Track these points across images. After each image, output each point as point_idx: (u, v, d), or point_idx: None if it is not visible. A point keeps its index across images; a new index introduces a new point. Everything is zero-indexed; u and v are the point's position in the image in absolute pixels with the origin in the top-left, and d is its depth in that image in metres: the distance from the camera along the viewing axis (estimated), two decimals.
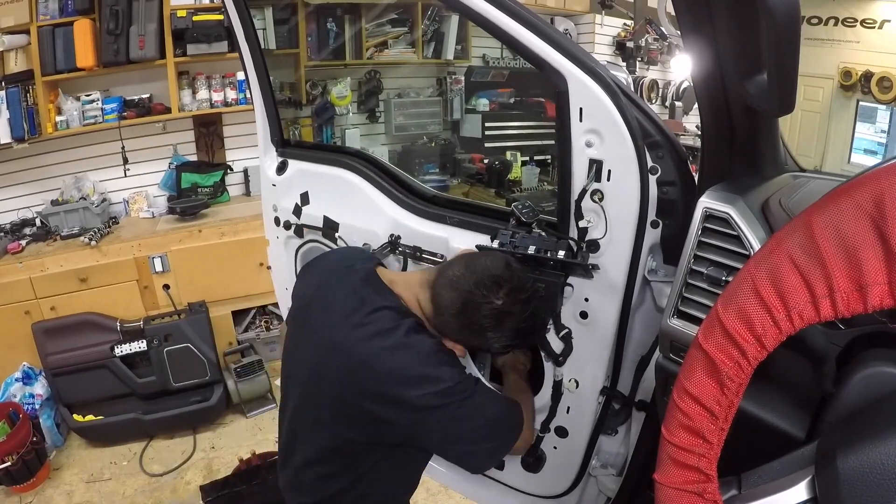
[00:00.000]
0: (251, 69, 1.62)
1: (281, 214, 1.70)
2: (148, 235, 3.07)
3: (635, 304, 1.18)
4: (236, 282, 3.14)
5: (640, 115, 1.05)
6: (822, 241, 0.52)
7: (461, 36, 3.96)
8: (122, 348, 2.80)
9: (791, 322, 0.54)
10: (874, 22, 4.95)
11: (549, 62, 1.04)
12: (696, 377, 0.59)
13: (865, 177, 0.52)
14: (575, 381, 1.28)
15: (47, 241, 3.01)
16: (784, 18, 0.66)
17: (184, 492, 2.55)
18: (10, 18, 2.87)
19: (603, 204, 1.10)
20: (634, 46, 4.76)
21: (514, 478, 1.52)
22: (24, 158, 3.12)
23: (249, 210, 3.27)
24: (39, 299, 2.82)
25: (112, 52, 2.96)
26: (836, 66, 5.22)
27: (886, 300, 0.49)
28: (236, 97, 3.38)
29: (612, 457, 1.40)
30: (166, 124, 3.37)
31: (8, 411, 2.59)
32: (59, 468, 2.71)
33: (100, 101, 3.14)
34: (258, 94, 1.67)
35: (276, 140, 1.72)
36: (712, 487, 0.58)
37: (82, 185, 3.26)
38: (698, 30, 0.86)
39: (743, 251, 0.90)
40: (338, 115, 3.68)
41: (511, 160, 4.03)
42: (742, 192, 0.96)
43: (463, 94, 4.08)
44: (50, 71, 2.96)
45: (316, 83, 3.58)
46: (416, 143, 4.02)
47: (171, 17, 3.04)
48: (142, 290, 3.01)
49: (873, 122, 5.13)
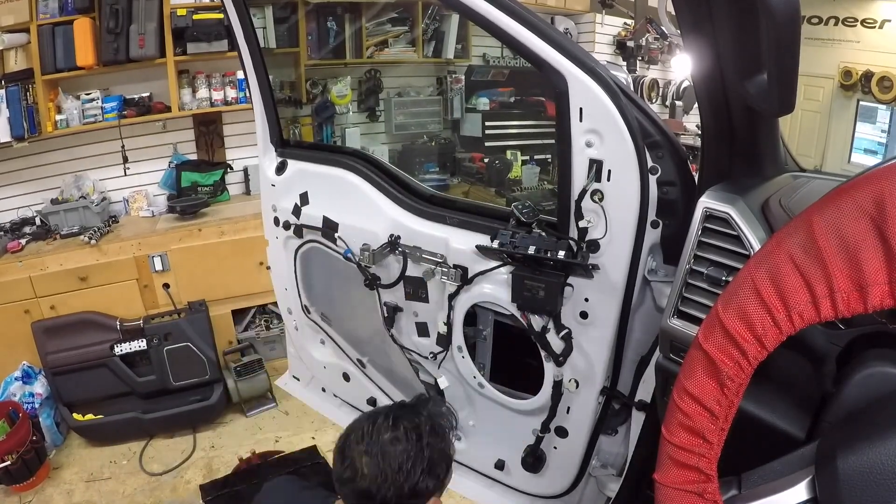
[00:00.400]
0: (250, 69, 1.62)
1: (280, 214, 1.70)
2: (148, 234, 3.07)
3: (635, 304, 1.18)
4: (236, 281, 3.14)
5: (640, 114, 1.05)
6: (823, 242, 0.52)
7: (461, 35, 3.96)
8: (122, 347, 2.80)
9: (791, 322, 0.54)
10: (874, 21, 4.94)
11: (549, 62, 1.04)
12: (697, 377, 0.59)
13: (865, 177, 0.52)
14: (575, 381, 1.28)
15: (47, 240, 3.00)
16: (784, 18, 0.66)
17: (183, 491, 2.55)
18: (10, 17, 2.86)
19: (603, 204, 1.10)
20: (635, 46, 4.76)
21: (515, 478, 1.52)
22: (23, 157, 3.12)
23: (249, 209, 3.27)
24: (39, 298, 2.82)
25: (112, 50, 2.95)
26: (836, 65, 5.21)
27: (886, 300, 0.49)
28: (236, 96, 3.37)
29: (612, 457, 1.40)
30: (166, 123, 3.36)
31: (8, 410, 2.59)
32: (59, 467, 2.71)
33: (100, 100, 3.13)
34: (257, 94, 1.67)
35: (276, 140, 1.72)
36: (712, 487, 0.58)
37: (82, 184, 3.26)
38: (698, 29, 0.86)
39: (743, 251, 0.90)
40: (338, 114, 3.68)
41: (511, 159, 4.03)
42: (742, 192, 0.96)
43: (463, 94, 4.08)
44: (50, 70, 2.95)
45: (316, 82, 3.58)
46: (416, 142, 4.02)
47: (171, 15, 3.03)
48: (142, 289, 3.01)
49: (873, 122, 5.13)
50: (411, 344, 1.56)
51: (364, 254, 1.46)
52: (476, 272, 1.31)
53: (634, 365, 1.26)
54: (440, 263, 1.35)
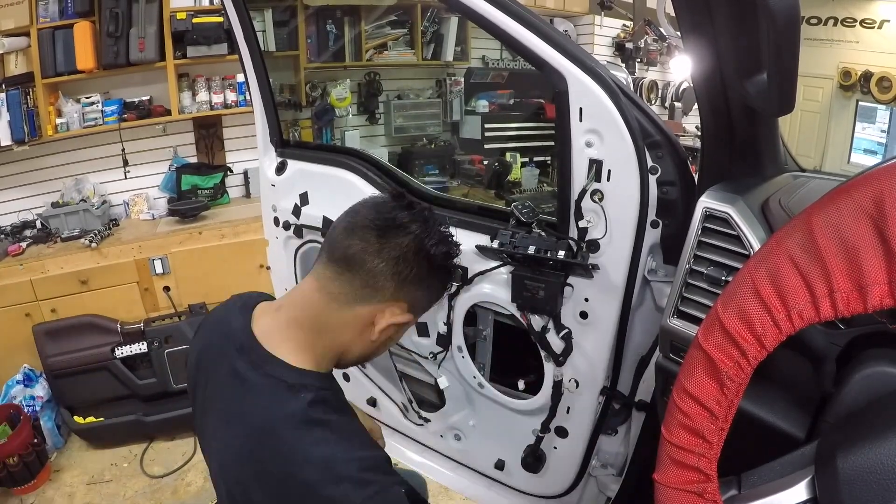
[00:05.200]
0: (251, 71, 1.62)
1: (280, 215, 1.70)
2: (148, 237, 3.07)
3: (635, 304, 1.18)
4: (236, 283, 3.08)
5: (639, 114, 1.05)
6: (822, 241, 0.52)
7: (461, 37, 3.96)
8: (123, 350, 2.80)
9: (791, 322, 0.54)
10: (873, 22, 4.95)
11: (549, 62, 1.04)
12: (696, 377, 0.59)
13: (865, 177, 0.52)
14: (575, 381, 1.28)
15: (48, 244, 3.00)
16: (784, 18, 0.66)
17: (185, 493, 2.55)
18: (11, 21, 2.87)
19: (603, 204, 1.10)
20: (634, 47, 4.76)
21: (515, 478, 1.52)
22: (24, 161, 3.12)
23: (249, 212, 3.26)
24: (40, 301, 2.82)
25: (112, 54, 2.96)
26: (835, 66, 5.21)
27: (886, 300, 0.49)
28: (236, 99, 3.38)
29: (612, 457, 1.40)
30: (166, 126, 3.36)
31: (9, 413, 2.59)
32: (60, 470, 2.71)
33: (100, 104, 3.13)
34: (257, 94, 1.67)
35: (276, 140, 1.73)
36: (712, 487, 0.58)
37: (82, 188, 3.26)
38: (698, 30, 0.86)
39: (743, 251, 0.90)
40: (338, 117, 3.68)
41: (511, 161, 4.03)
42: (742, 192, 0.96)
43: (462, 96, 4.07)
44: (50, 73, 2.95)
45: (316, 85, 3.58)
46: (415, 144, 4.01)
47: (171, 19, 3.03)
48: (142, 291, 3.00)
49: (873, 122, 5.13)
50: (411, 344, 1.56)
51: None
52: (476, 272, 1.31)
53: (634, 365, 1.26)
54: None
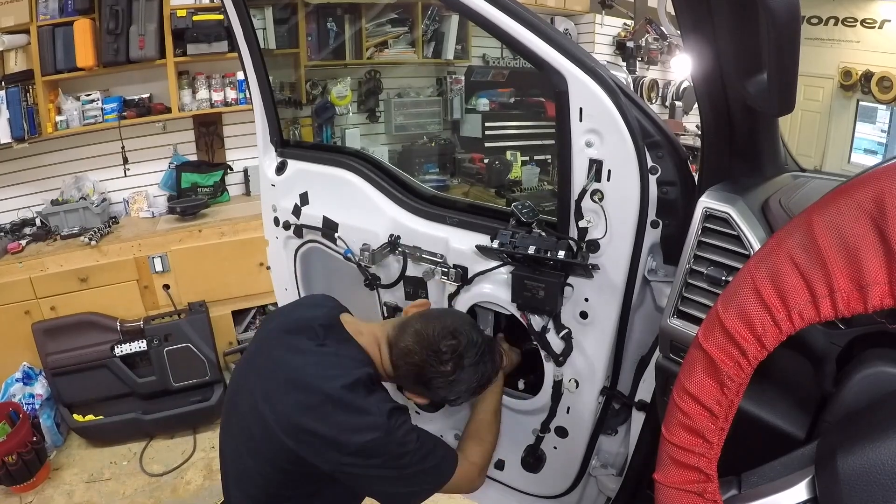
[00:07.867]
0: (250, 69, 1.62)
1: (280, 214, 1.70)
2: (148, 235, 3.07)
3: (635, 304, 1.18)
4: (236, 282, 3.14)
5: (640, 114, 1.05)
6: (823, 241, 0.52)
7: (461, 36, 3.96)
8: (122, 348, 2.80)
9: (791, 322, 0.54)
10: (874, 22, 4.95)
11: (549, 62, 1.04)
12: (696, 377, 0.59)
13: (865, 177, 0.52)
14: (575, 381, 1.28)
15: (47, 241, 3.01)
16: (784, 18, 0.66)
17: (184, 492, 2.55)
18: (10, 18, 2.87)
19: (603, 204, 1.10)
20: (634, 46, 4.76)
21: (514, 478, 1.52)
22: (24, 158, 3.12)
23: (249, 210, 3.27)
24: (39, 299, 2.82)
25: (112, 51, 2.95)
26: (836, 65, 5.21)
27: (886, 300, 0.49)
28: (236, 97, 3.38)
29: (612, 457, 1.40)
30: (166, 124, 3.36)
31: (8, 411, 2.59)
32: (59, 468, 2.71)
33: (100, 101, 3.13)
34: (257, 94, 1.66)
35: (276, 140, 1.72)
36: (712, 487, 0.58)
37: (82, 185, 3.26)
38: (698, 29, 0.86)
39: (743, 251, 0.90)
40: (338, 115, 3.68)
41: (511, 160, 4.03)
42: (742, 192, 0.96)
43: (463, 94, 4.07)
44: (50, 71, 2.96)
45: (316, 83, 3.58)
46: (416, 142, 4.01)
47: (171, 16, 3.03)
48: (142, 289, 3.01)
49: (873, 122, 5.13)
50: None
51: (364, 254, 1.46)
52: (476, 272, 1.31)
53: (634, 365, 1.26)
54: (440, 263, 1.35)
